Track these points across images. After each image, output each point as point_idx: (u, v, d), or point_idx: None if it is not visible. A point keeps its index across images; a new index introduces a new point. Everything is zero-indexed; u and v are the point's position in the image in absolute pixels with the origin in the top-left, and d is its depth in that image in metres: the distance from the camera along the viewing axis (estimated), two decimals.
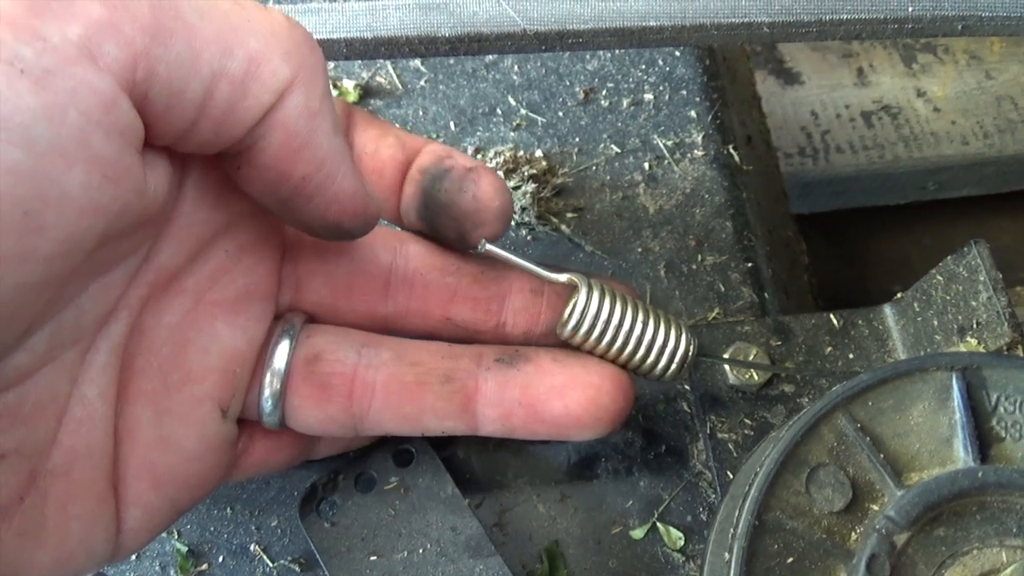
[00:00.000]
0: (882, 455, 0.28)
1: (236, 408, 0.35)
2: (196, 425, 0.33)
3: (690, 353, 0.39)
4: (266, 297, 0.36)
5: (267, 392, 0.35)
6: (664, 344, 0.38)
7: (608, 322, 0.37)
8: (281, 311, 0.38)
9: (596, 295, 0.37)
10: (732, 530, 0.25)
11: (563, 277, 0.38)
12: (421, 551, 0.39)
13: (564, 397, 0.37)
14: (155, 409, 0.32)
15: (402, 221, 0.39)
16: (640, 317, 0.38)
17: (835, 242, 1.06)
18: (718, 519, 0.28)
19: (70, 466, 0.30)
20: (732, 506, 0.27)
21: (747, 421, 0.44)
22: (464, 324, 0.39)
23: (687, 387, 0.46)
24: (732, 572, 0.24)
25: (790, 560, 0.25)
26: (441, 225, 0.38)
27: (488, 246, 0.37)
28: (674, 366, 0.39)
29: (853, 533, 0.26)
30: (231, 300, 0.34)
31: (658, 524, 0.43)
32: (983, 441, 0.28)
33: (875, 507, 0.27)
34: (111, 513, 0.31)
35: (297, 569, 0.41)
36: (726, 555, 0.25)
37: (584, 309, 0.37)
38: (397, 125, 0.42)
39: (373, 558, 0.39)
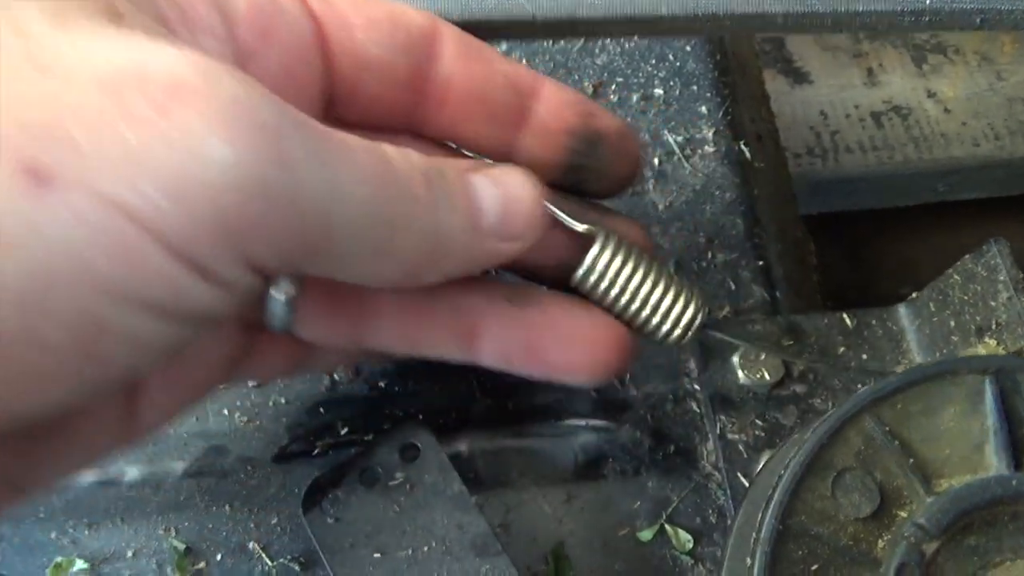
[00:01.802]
0: (911, 460, 0.27)
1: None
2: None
3: (696, 322, 0.38)
4: None
5: (282, 297, 0.34)
6: (670, 308, 0.38)
7: (615, 281, 0.37)
8: None
9: (609, 252, 0.37)
10: (755, 535, 0.24)
11: (582, 227, 0.37)
12: (426, 549, 0.38)
13: (566, 348, 0.37)
14: None
15: None
16: (651, 278, 0.38)
17: (842, 244, 1.05)
18: (737, 524, 0.27)
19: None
20: (752, 511, 0.26)
21: (758, 422, 0.44)
22: None
23: (696, 387, 0.45)
24: None
25: (815, 567, 0.24)
26: (581, 182, 0.38)
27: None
28: (677, 332, 0.38)
29: (880, 540, 0.26)
30: None
31: (666, 526, 0.42)
32: (1017, 448, 0.27)
33: (903, 514, 0.26)
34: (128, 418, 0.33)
35: (297, 568, 0.40)
36: (748, 560, 0.24)
37: (593, 264, 0.37)
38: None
39: (377, 555, 0.38)
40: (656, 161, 0.52)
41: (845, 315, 0.46)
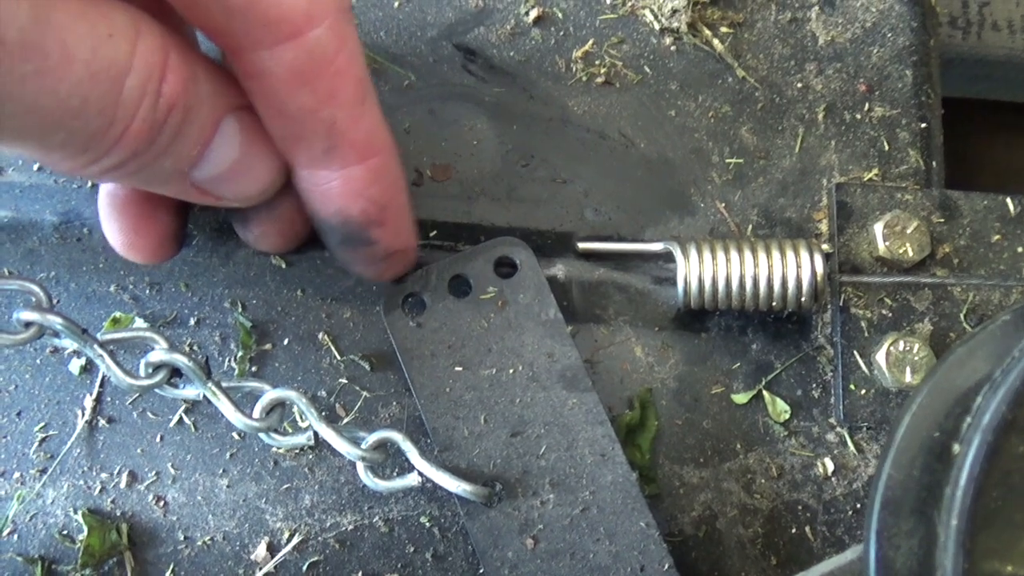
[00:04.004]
0: None
1: None
2: None
3: (817, 279, 0.36)
4: None
5: None
6: (784, 284, 0.36)
7: (715, 281, 0.36)
8: None
9: (694, 259, 0.36)
10: (970, 419, 0.20)
11: (657, 246, 0.38)
12: (511, 371, 0.35)
13: None
14: None
15: None
16: (749, 264, 0.36)
17: (946, 135, 0.96)
18: (913, 409, 0.23)
19: None
20: (943, 397, 0.22)
21: (888, 301, 0.39)
22: None
23: (824, 246, 0.40)
24: (967, 467, 0.19)
25: None
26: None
27: (582, 245, 0.38)
28: (804, 300, 0.36)
29: None
30: None
31: (764, 392, 0.39)
32: None
33: None
34: None
35: (367, 367, 0.37)
36: (956, 447, 0.20)
37: (687, 276, 0.36)
38: None
39: (458, 369, 0.35)
40: None
41: (1009, 199, 0.41)
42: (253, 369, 0.37)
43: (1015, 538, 0.19)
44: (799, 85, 0.42)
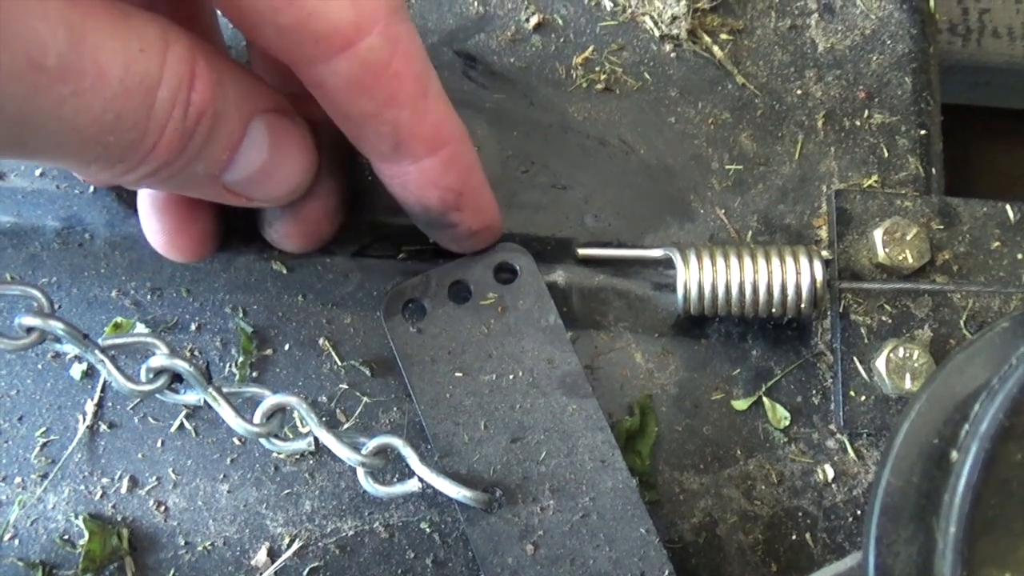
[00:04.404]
0: None
1: None
2: None
3: (817, 286, 0.36)
4: None
5: None
6: (783, 290, 0.36)
7: (715, 287, 0.36)
8: None
9: (694, 265, 0.36)
10: (967, 426, 0.20)
11: (656, 252, 0.38)
12: (511, 377, 0.35)
13: None
14: None
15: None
16: (748, 270, 0.36)
17: (946, 142, 0.96)
18: (912, 416, 0.23)
19: None
20: (942, 403, 0.22)
21: (887, 308, 0.39)
22: None
23: (824, 252, 0.40)
24: (964, 475, 0.20)
25: None
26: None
27: (582, 251, 0.38)
28: (804, 306, 0.36)
29: None
30: None
31: (764, 399, 0.39)
32: None
33: None
34: None
35: (367, 372, 0.38)
36: (954, 454, 0.20)
37: (687, 282, 0.36)
38: None
39: (458, 374, 0.35)
40: None
41: (1009, 207, 0.41)
42: (254, 374, 0.37)
43: (1013, 545, 0.19)
44: (799, 92, 0.43)
